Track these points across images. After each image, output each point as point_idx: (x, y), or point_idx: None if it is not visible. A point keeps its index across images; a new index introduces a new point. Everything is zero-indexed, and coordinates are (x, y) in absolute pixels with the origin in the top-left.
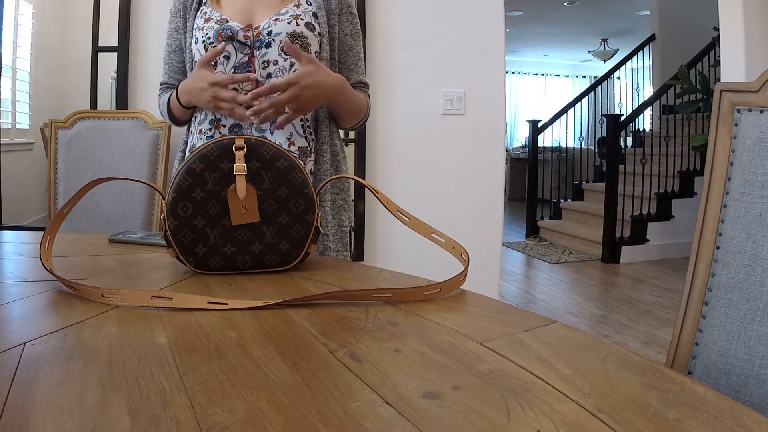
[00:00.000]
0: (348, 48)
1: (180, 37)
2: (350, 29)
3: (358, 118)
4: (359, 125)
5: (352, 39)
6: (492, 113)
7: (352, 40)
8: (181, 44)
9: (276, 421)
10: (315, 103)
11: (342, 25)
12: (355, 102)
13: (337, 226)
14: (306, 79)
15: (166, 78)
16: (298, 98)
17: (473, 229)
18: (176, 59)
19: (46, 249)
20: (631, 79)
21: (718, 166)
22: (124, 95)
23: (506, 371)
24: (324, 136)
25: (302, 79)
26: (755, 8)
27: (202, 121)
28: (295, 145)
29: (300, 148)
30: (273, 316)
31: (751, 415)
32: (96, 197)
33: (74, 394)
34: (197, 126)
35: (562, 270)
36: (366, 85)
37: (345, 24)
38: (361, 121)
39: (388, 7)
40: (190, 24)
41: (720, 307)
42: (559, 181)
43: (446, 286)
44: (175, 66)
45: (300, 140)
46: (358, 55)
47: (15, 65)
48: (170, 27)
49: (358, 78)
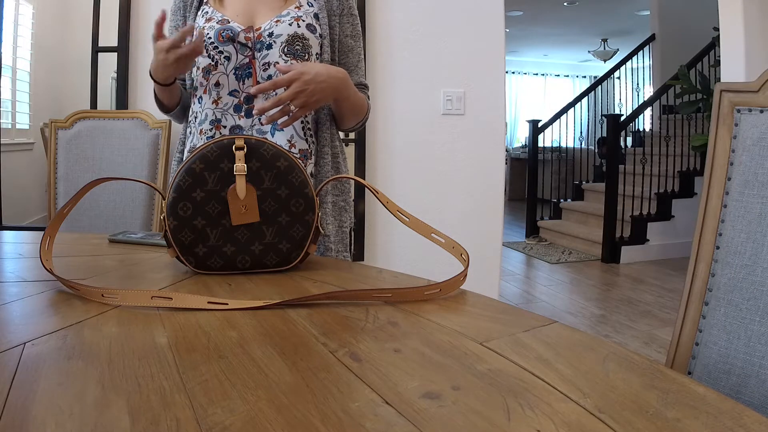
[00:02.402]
0: (348, 49)
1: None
2: (351, 30)
3: (359, 118)
4: (359, 126)
5: (353, 40)
6: (492, 113)
7: (353, 42)
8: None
9: (276, 421)
10: (322, 96)
11: (343, 27)
12: (358, 101)
13: (338, 227)
14: (306, 75)
15: None
16: (302, 93)
17: (473, 229)
18: None
19: (46, 249)
20: (631, 79)
21: (718, 166)
22: (124, 95)
23: (506, 371)
24: (325, 138)
25: (303, 74)
26: (755, 8)
27: (202, 121)
28: (296, 147)
29: (301, 150)
30: (273, 316)
31: (751, 415)
32: (96, 197)
33: (74, 394)
34: (197, 126)
35: (562, 270)
36: (366, 86)
37: (346, 25)
38: (361, 122)
39: (388, 7)
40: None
41: (720, 307)
42: (559, 181)
43: (446, 286)
44: None
45: (301, 142)
46: (359, 57)
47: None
48: (170, 25)
49: (358, 79)
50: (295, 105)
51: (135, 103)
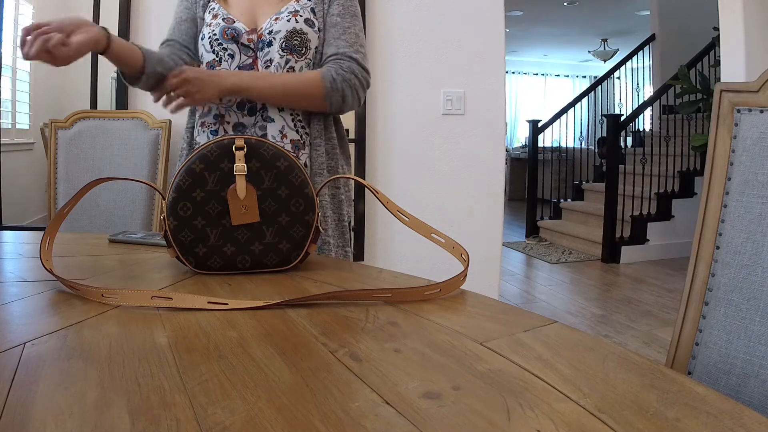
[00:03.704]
0: (331, 25)
1: (194, 9)
2: (337, 10)
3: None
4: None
5: (339, 18)
6: (492, 113)
7: (339, 19)
8: (195, 17)
9: (276, 421)
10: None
11: (330, 8)
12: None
13: (337, 220)
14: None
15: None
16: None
17: (473, 229)
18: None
19: (46, 249)
20: (631, 79)
21: (718, 166)
22: (124, 95)
23: (506, 371)
24: (316, 129)
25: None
26: (755, 8)
27: (205, 114)
28: (288, 138)
29: (292, 141)
30: (273, 316)
31: (751, 415)
32: (96, 197)
33: (74, 394)
34: (199, 119)
35: (562, 270)
36: (345, 56)
37: (333, 6)
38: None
39: (388, 8)
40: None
41: (720, 307)
42: (559, 181)
43: (446, 286)
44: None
45: (292, 133)
46: (342, 30)
47: (15, 65)
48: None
49: (335, 50)
50: (176, 94)
51: (135, 103)
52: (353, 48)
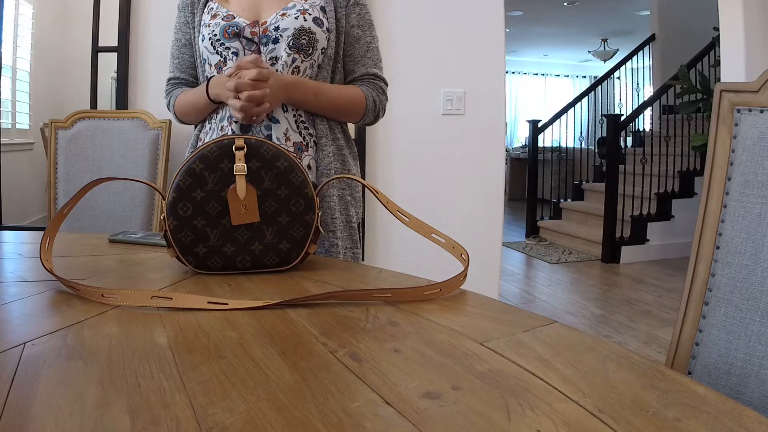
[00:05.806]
0: (354, 39)
1: (189, 31)
2: (357, 20)
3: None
4: (364, 120)
5: (360, 30)
6: (492, 113)
7: (360, 32)
8: (191, 39)
9: (276, 421)
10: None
11: (349, 17)
12: (332, 100)
13: (345, 222)
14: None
15: (177, 73)
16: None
17: (473, 229)
18: (187, 54)
19: (46, 249)
20: (631, 79)
21: (718, 166)
22: (124, 95)
23: (506, 371)
24: (322, 129)
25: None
26: (755, 8)
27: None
28: (291, 140)
29: (295, 144)
30: (273, 316)
31: (751, 415)
32: (96, 197)
33: (74, 394)
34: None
35: (562, 270)
36: (376, 77)
37: (352, 15)
38: (363, 115)
39: (388, 8)
40: (197, 19)
41: (720, 307)
42: (559, 181)
43: (446, 286)
44: (186, 61)
45: (294, 135)
46: (367, 46)
47: (15, 65)
48: (179, 21)
49: (365, 70)
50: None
51: (135, 103)
52: (378, 66)
